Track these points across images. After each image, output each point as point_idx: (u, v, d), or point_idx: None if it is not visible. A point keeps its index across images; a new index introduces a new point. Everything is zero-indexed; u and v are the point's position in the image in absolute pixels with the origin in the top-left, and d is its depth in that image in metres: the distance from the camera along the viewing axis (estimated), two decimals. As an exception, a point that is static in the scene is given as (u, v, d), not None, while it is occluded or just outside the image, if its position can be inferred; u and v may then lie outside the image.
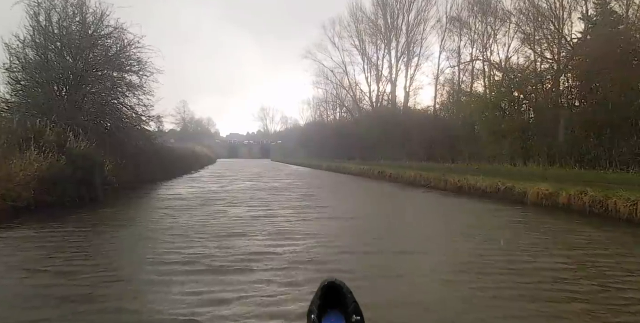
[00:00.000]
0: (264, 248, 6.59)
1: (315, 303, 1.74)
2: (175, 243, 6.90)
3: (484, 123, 25.53)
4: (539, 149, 21.22)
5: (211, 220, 9.41)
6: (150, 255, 6.22)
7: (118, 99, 17.81)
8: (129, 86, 17.70)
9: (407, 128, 35.54)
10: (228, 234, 7.73)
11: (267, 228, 8.42)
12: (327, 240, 7.24)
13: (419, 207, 13.01)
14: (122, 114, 17.73)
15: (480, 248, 6.77)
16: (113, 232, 8.05)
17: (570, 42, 23.20)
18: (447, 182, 16.96)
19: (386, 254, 6.44)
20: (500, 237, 7.32)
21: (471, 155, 28.89)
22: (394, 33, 53.19)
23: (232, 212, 10.60)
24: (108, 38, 16.96)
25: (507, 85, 22.86)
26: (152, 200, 13.82)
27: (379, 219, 10.30)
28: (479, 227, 8.84)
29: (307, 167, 47.49)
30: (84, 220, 9.22)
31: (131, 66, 17.32)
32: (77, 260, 5.85)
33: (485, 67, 33.07)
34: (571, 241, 7.44)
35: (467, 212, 11.50)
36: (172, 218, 9.65)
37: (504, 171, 19.67)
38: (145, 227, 8.72)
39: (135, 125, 18.20)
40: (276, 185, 20.18)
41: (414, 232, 8.50)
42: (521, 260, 5.99)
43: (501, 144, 24.06)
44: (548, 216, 10.49)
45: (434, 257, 6.38)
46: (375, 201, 14.84)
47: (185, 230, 8.19)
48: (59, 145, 11.84)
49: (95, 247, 6.87)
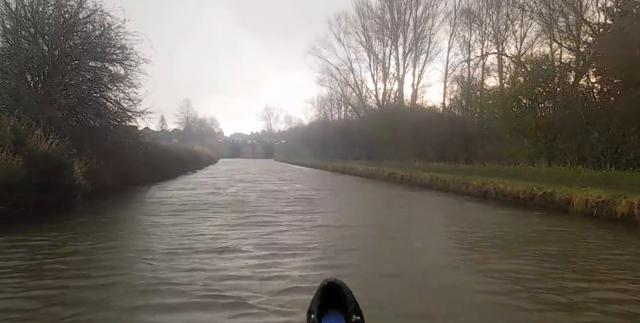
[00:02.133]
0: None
1: (315, 303, 1.71)
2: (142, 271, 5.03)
3: (503, 120, 23.49)
4: (566, 148, 19.19)
5: (188, 237, 7.51)
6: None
7: (101, 92, 15.95)
8: (112, 78, 15.83)
9: (417, 126, 33.53)
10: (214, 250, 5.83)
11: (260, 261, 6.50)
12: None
13: (452, 217, 10.79)
14: (105, 108, 15.86)
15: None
16: (53, 253, 6.17)
17: (597, 30, 21.14)
18: (469, 185, 14.99)
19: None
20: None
21: (486, 155, 26.88)
22: (402, 29, 51.27)
23: (216, 230, 8.70)
24: (88, 23, 15.10)
25: (530, 79, 20.79)
26: (126, 208, 11.88)
27: (411, 239, 8.29)
28: (540, 244, 6.84)
29: (311, 168, 45.57)
30: (26, 234, 7.34)
31: (113, 54, 15.46)
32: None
33: (501, 61, 31.05)
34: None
35: (513, 225, 9.36)
36: (142, 233, 7.78)
37: (528, 173, 17.67)
38: (100, 244, 6.83)
39: (120, 121, 16.32)
40: (274, 188, 18.30)
41: (466, 256, 6.47)
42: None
43: (522, 143, 22.05)
44: (609, 230, 8.50)
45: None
46: (395, 213, 12.89)
47: (157, 245, 6.31)
48: (17, 143, 9.97)
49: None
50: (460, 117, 31.57)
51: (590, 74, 19.97)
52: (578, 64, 20.88)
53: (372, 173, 26.03)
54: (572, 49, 22.57)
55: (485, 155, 27.14)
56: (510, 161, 24.46)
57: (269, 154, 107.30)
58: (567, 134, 19.27)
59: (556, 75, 20.61)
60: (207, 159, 44.91)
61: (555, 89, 20.06)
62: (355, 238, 7.69)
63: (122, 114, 16.50)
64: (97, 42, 15.21)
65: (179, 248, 6.55)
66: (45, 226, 8.32)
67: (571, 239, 7.72)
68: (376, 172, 25.25)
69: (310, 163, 49.87)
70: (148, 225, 8.87)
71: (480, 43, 33.42)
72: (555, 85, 20.01)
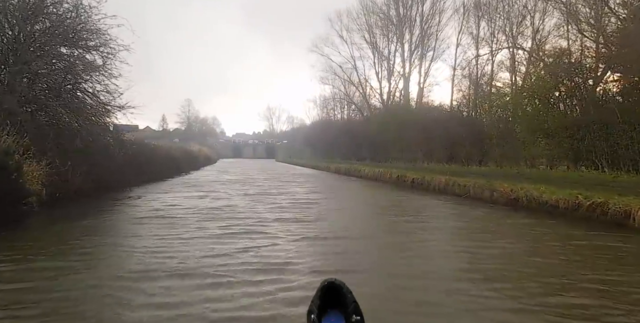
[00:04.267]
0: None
1: (315, 303, 1.69)
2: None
3: (522, 119, 21.52)
4: (597, 150, 17.20)
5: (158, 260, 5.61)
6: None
7: (75, 84, 14.05)
8: (87, 67, 13.91)
9: (425, 126, 31.56)
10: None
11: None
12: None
13: (503, 237, 8.33)
14: (80, 102, 13.95)
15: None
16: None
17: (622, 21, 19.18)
18: (494, 191, 13.03)
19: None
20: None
21: (502, 157, 24.90)
22: (407, 25, 49.46)
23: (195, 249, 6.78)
24: (58, 3, 13.20)
25: (553, 73, 18.78)
26: (84, 217, 9.94)
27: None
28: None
29: (313, 169, 43.60)
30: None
31: (89, 40, 13.56)
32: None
33: (514, 56, 29.06)
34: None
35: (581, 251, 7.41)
36: (89, 255, 5.87)
37: (555, 177, 15.71)
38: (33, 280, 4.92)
39: (97, 116, 14.39)
40: (272, 192, 16.40)
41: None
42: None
43: (544, 143, 20.05)
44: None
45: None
46: (414, 225, 10.95)
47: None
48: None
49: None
50: (473, 116, 29.57)
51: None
52: (604, 57, 18.92)
53: (379, 176, 24.05)
54: (595, 40, 20.63)
55: (500, 157, 25.17)
56: (529, 163, 22.53)
57: (271, 154, 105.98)
58: (597, 134, 17.30)
59: (583, 69, 18.62)
60: (204, 159, 42.97)
61: (587, 81, 18.05)
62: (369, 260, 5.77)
63: (99, 108, 14.60)
64: (69, 26, 13.31)
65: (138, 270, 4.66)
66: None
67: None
68: (383, 175, 23.26)
69: (312, 164, 47.91)
70: (114, 243, 6.97)
71: (490, 39, 31.45)
72: (585, 78, 18.00)
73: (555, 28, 25.52)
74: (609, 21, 20.74)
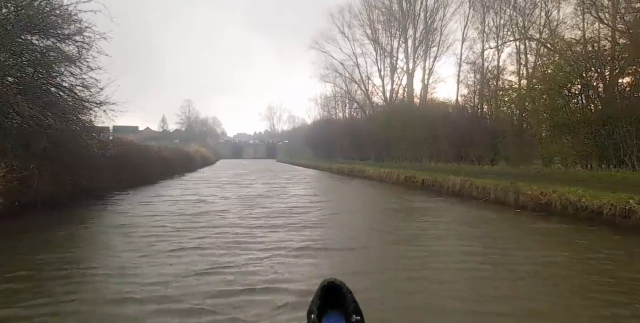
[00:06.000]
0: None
1: (315, 303, 1.67)
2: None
3: (539, 114, 19.92)
4: (627, 147, 15.63)
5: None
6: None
7: (48, 78, 12.53)
8: (61, 58, 12.38)
9: (432, 123, 30.00)
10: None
11: None
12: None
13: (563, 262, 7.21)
14: (52, 97, 12.41)
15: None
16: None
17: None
18: (520, 194, 11.47)
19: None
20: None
21: (516, 155, 23.33)
22: (411, 20, 47.85)
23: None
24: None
25: (576, 63, 17.17)
26: (38, 231, 8.39)
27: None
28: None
29: (314, 169, 42.03)
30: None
31: (60, 28, 12.02)
32: None
33: (524, 48, 27.42)
34: None
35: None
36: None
37: (584, 177, 14.18)
38: None
39: (72, 113, 12.84)
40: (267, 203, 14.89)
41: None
42: None
43: (565, 140, 18.45)
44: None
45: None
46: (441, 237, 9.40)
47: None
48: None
49: None
50: (485, 112, 27.98)
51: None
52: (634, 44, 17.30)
53: (384, 177, 22.47)
54: (618, 29, 19.02)
55: (514, 155, 23.62)
56: (547, 161, 20.97)
57: (271, 154, 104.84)
58: (627, 129, 15.71)
59: (609, 57, 17.03)
60: (201, 160, 41.43)
61: (613, 71, 16.48)
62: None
63: (76, 105, 13.07)
64: (38, 11, 11.78)
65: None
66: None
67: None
68: (390, 175, 21.69)
69: (314, 164, 46.35)
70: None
71: (495, 33, 29.80)
72: (613, 67, 16.43)
73: (570, 17, 23.98)
74: (629, 6, 19.15)
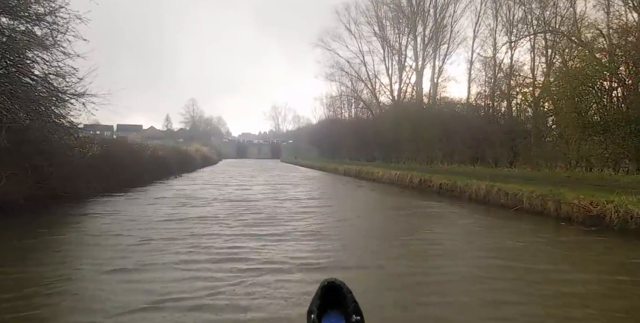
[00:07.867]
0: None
1: (315, 303, 1.64)
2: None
3: (567, 112, 18.15)
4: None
5: None
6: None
7: (17, 66, 10.94)
8: (32, 43, 10.79)
9: (445, 122, 28.28)
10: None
11: None
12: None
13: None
14: (21, 86, 10.82)
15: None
16: None
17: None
18: (562, 203, 9.75)
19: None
20: None
21: (540, 157, 21.58)
22: (420, 17, 46.06)
23: None
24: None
25: (615, 55, 15.43)
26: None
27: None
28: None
29: (319, 170, 40.30)
30: None
31: (26, 8, 10.43)
32: None
33: (548, 42, 25.60)
34: None
35: None
36: None
37: (626, 183, 12.45)
38: None
39: (45, 106, 11.24)
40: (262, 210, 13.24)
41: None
42: None
43: (599, 141, 16.68)
44: None
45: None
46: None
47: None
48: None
49: None
50: (504, 111, 26.20)
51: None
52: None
53: (396, 180, 20.73)
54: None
55: (535, 157, 21.87)
56: (574, 165, 19.20)
57: (276, 154, 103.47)
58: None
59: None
60: (202, 160, 39.87)
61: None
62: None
63: (51, 96, 11.49)
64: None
65: None
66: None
67: None
68: (402, 178, 19.94)
69: (318, 165, 44.62)
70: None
71: (509, 29, 27.99)
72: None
73: (596, 9, 22.20)
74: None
